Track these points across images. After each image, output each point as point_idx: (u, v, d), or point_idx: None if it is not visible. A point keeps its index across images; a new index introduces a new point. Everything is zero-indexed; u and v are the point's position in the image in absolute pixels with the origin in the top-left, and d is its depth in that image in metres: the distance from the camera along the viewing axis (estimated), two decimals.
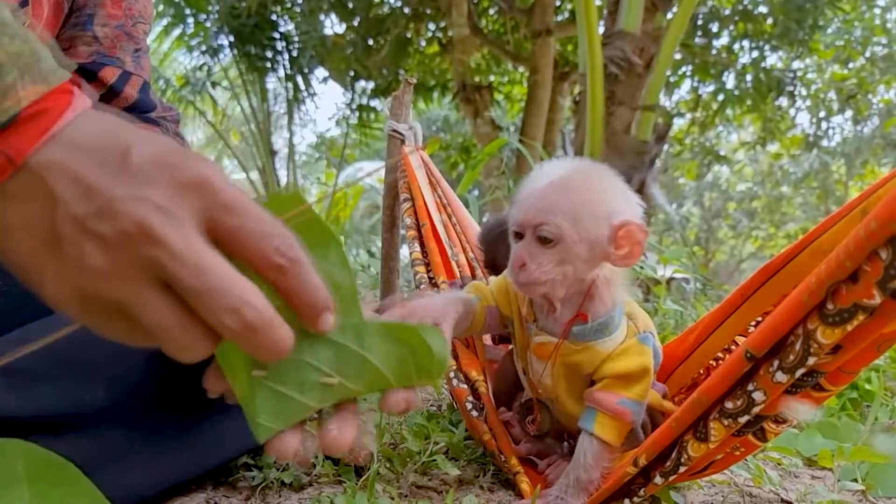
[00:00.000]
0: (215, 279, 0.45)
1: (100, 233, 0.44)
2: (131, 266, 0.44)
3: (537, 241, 0.92)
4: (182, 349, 0.47)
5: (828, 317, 0.67)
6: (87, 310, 0.45)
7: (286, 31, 8.69)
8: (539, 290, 0.94)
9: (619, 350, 0.97)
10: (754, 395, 0.76)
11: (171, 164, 0.46)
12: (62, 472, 0.68)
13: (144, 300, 0.45)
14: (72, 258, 0.44)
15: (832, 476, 1.26)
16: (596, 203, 0.92)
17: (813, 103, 9.96)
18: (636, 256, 0.93)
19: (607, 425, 0.95)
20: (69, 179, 0.45)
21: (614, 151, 4.47)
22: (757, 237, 14.32)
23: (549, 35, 7.45)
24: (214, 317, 0.45)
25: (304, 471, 1.07)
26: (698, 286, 3.04)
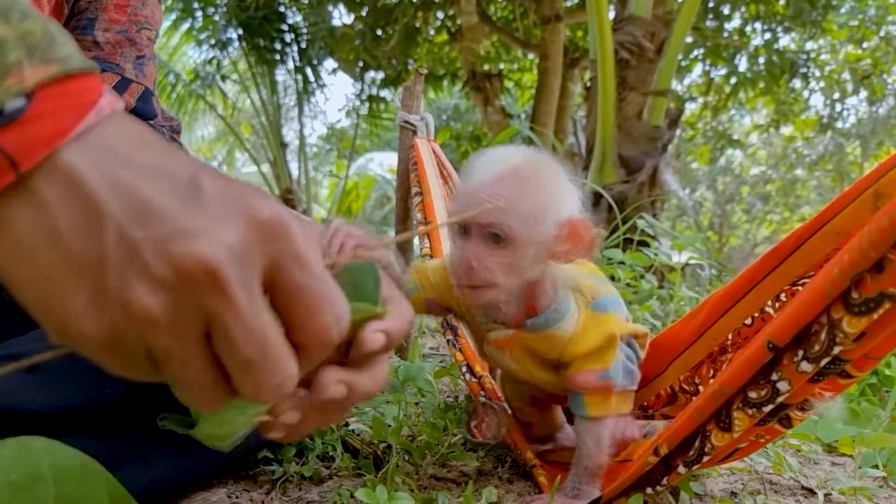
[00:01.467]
0: (272, 354, 0.40)
1: (157, 270, 0.37)
2: (186, 315, 0.38)
3: (485, 241, 0.86)
4: (200, 403, 0.42)
5: (853, 306, 0.67)
6: (114, 351, 0.39)
7: (294, 22, 8.68)
8: (487, 294, 0.89)
9: (579, 330, 0.94)
10: (779, 384, 0.75)
11: (244, 200, 0.40)
12: (86, 468, 0.69)
13: (189, 356, 0.39)
14: (116, 293, 0.37)
15: (852, 462, 1.25)
16: (546, 201, 0.88)
17: (827, 84, 9.87)
18: (578, 252, 0.89)
19: (597, 403, 0.95)
20: (121, 193, 0.38)
21: (626, 137, 4.45)
22: (771, 221, 14.23)
23: (558, 21, 7.41)
24: (254, 390, 0.41)
25: (323, 464, 1.07)
26: (713, 272, 3.02)
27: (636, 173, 4.31)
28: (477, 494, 0.97)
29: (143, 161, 0.40)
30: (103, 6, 1.05)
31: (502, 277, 0.87)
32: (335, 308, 0.42)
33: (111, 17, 1.05)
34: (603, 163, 4.37)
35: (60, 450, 0.68)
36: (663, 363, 1.14)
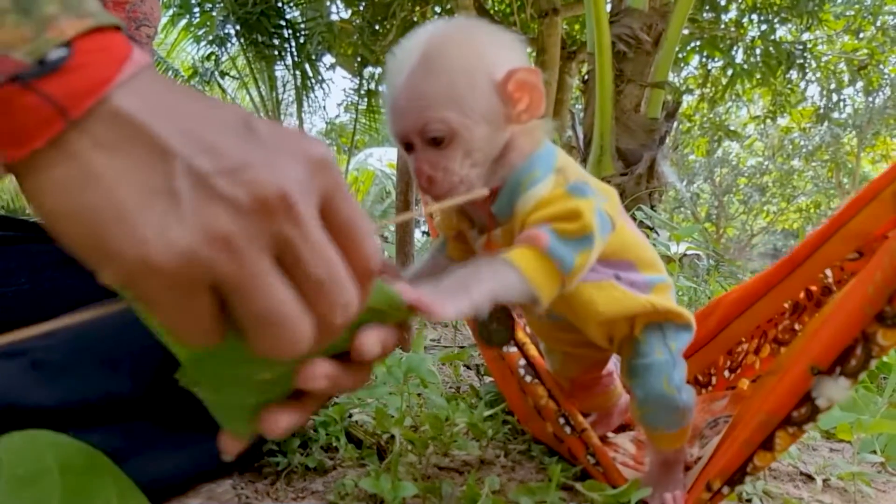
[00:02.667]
0: (339, 274, 0.43)
1: (233, 195, 0.38)
2: (260, 238, 0.39)
3: (430, 146, 0.77)
4: (293, 342, 0.42)
5: (886, 319, 0.67)
6: (185, 281, 0.38)
7: (292, 18, 8.67)
8: (458, 194, 0.78)
9: (542, 201, 0.78)
10: (818, 401, 0.75)
11: (295, 139, 0.43)
12: (92, 461, 0.70)
13: (267, 279, 0.40)
14: (192, 217, 0.38)
15: (850, 448, 1.27)
16: (469, 70, 0.77)
17: (823, 75, 9.87)
18: (539, 103, 0.79)
19: (521, 253, 0.74)
20: (181, 133, 0.39)
21: (624, 130, 4.45)
22: (768, 212, 14.25)
23: (555, 14, 7.39)
24: (327, 310, 0.43)
25: (327, 455, 1.08)
26: (711, 262, 3.03)
27: (634, 165, 4.31)
28: (480, 483, 0.99)
29: (190, 106, 0.41)
30: (102, 3, 1.04)
31: (464, 170, 0.78)
32: (374, 240, 0.45)
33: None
34: (601, 155, 4.38)
35: (66, 443, 0.69)
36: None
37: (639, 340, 0.86)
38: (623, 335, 0.89)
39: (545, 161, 0.80)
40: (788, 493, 1.05)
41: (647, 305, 0.85)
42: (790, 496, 1.04)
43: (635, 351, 0.87)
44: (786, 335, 1.08)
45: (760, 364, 1.13)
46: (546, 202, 0.76)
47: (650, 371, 0.86)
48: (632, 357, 0.88)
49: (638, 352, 0.86)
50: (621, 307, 0.84)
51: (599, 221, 0.76)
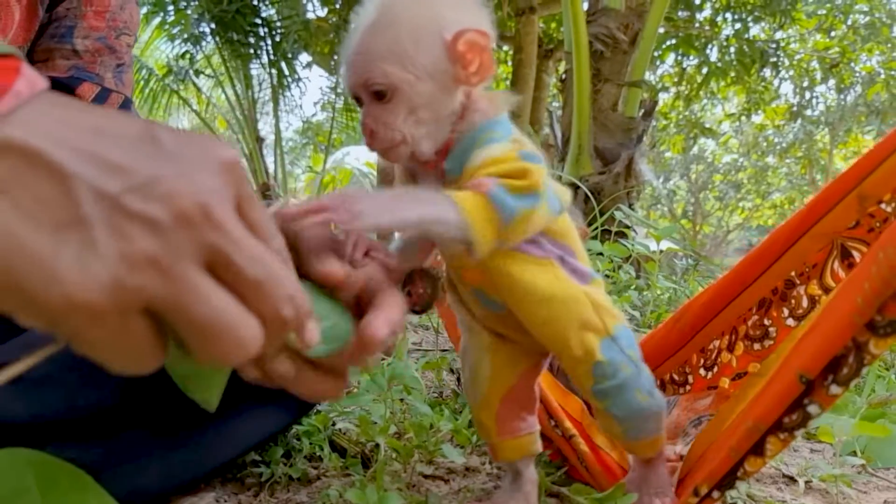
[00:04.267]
0: (273, 267, 0.42)
1: (149, 213, 0.36)
2: (187, 252, 0.38)
3: (375, 100, 0.76)
4: (241, 346, 0.41)
5: (878, 328, 0.68)
6: (116, 312, 0.36)
7: (268, 16, 8.61)
8: (401, 151, 0.77)
9: (493, 159, 0.75)
10: (809, 408, 0.76)
11: (202, 146, 0.42)
12: (73, 479, 0.69)
13: (202, 291, 0.38)
14: (109, 245, 0.36)
15: (831, 449, 1.28)
16: (418, 27, 0.76)
17: (796, 73, 9.99)
18: (489, 65, 0.77)
19: (463, 195, 0.70)
20: (79, 154, 0.37)
21: (602, 129, 4.47)
22: (743, 208, 14.39)
23: (532, 13, 7.42)
24: (272, 307, 0.42)
25: (311, 465, 1.08)
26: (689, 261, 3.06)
27: (612, 164, 4.33)
28: (466, 490, 0.98)
29: (86, 123, 0.39)
30: (83, 14, 1.02)
31: (407, 127, 0.76)
32: (281, 239, 0.46)
33: (90, 24, 1.02)
34: (579, 154, 4.39)
35: (47, 461, 0.68)
36: (651, 366, 1.14)
37: (603, 363, 0.81)
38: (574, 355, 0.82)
39: (504, 128, 0.79)
40: (772, 496, 1.06)
41: (583, 297, 0.81)
42: (773, 499, 1.04)
43: (601, 374, 0.82)
44: (756, 331, 1.09)
45: (737, 362, 1.13)
46: (496, 161, 0.74)
47: (623, 389, 0.83)
48: (598, 382, 0.82)
49: (605, 374, 0.82)
50: (560, 290, 0.80)
51: (549, 193, 0.76)
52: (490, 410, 0.91)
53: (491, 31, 0.77)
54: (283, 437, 1.09)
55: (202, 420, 0.93)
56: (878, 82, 10.21)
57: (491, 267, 0.78)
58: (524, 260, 0.79)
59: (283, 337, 0.45)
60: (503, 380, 0.90)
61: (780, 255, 0.98)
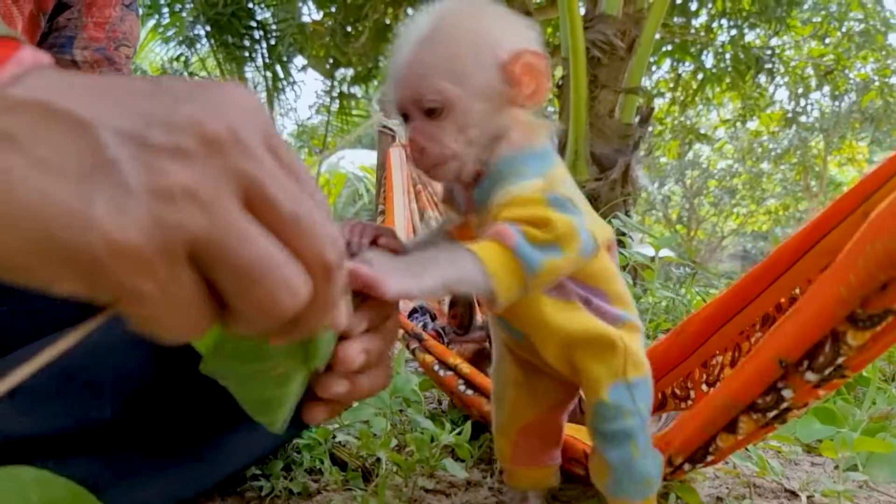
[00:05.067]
0: (310, 205, 0.39)
1: (177, 143, 0.34)
2: (223, 181, 0.35)
3: (425, 117, 0.74)
4: (289, 292, 0.37)
5: (858, 321, 0.68)
6: (161, 254, 0.34)
7: (263, 19, 8.59)
8: (449, 169, 0.76)
9: (517, 199, 0.72)
10: (783, 392, 0.77)
11: (221, 87, 0.39)
12: (75, 497, 0.68)
13: (244, 226, 0.35)
14: (142, 183, 0.33)
15: (832, 462, 1.27)
16: (474, 45, 0.74)
17: (791, 80, 10.00)
18: (543, 90, 0.76)
19: (486, 246, 0.69)
20: (93, 105, 0.35)
21: (599, 135, 4.47)
22: (738, 214, 14.42)
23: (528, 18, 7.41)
24: (315, 249, 0.38)
25: (311, 478, 1.07)
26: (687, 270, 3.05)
27: (609, 171, 4.33)
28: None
29: (98, 83, 0.37)
30: (83, 24, 1.01)
31: (458, 145, 0.74)
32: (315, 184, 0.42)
33: (90, 34, 1.02)
34: (575, 160, 4.39)
35: (50, 479, 0.67)
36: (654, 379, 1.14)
37: (607, 404, 0.78)
38: (586, 388, 0.81)
39: (537, 162, 0.76)
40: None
41: (612, 336, 0.77)
42: None
43: (603, 415, 0.80)
44: None
45: None
46: (520, 202, 0.71)
47: (620, 437, 0.80)
48: (599, 421, 0.80)
49: (606, 416, 0.79)
50: (583, 329, 0.77)
51: (582, 238, 0.72)
52: (508, 438, 0.90)
53: (546, 55, 0.75)
54: (284, 451, 1.09)
55: (203, 434, 0.92)
56: (873, 90, 10.24)
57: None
58: (543, 301, 0.77)
59: (331, 289, 0.41)
60: (523, 414, 0.89)
61: (784, 272, 0.98)
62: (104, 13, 1.03)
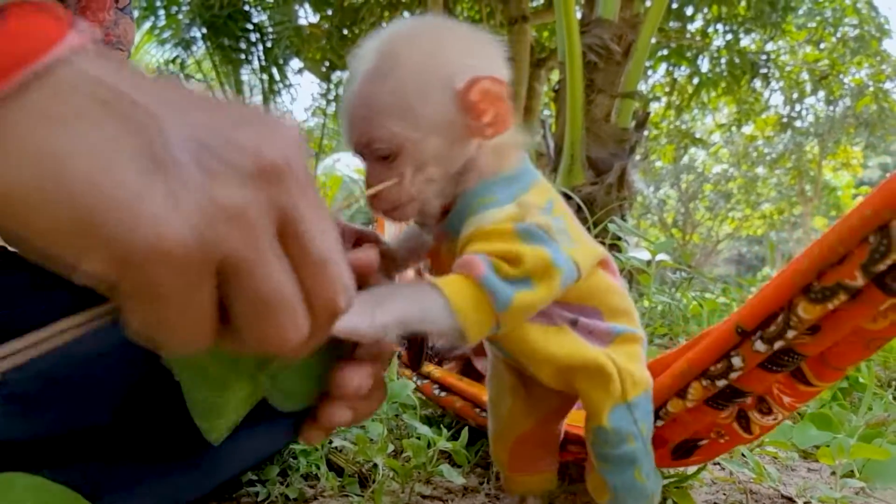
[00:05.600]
0: (338, 249, 0.39)
1: (238, 162, 0.35)
2: (269, 211, 0.36)
3: (378, 160, 0.70)
4: (292, 331, 0.38)
5: (811, 293, 0.68)
6: (195, 263, 0.34)
7: (260, 21, 8.59)
8: (409, 210, 0.71)
9: (483, 231, 0.67)
10: (733, 359, 0.76)
11: (274, 118, 0.39)
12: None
13: (272, 258, 0.36)
14: (199, 189, 0.33)
15: (828, 468, 1.27)
16: (424, 74, 0.68)
17: (786, 84, 10.05)
18: (506, 116, 0.69)
19: (452, 280, 0.64)
20: (157, 99, 0.35)
21: (595, 139, 4.48)
22: (733, 218, 14.45)
23: (524, 22, 7.43)
24: (329, 295, 0.39)
25: (308, 484, 1.06)
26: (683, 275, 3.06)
27: (605, 175, 4.34)
28: None
29: (160, 84, 0.37)
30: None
31: (415, 188, 0.69)
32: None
33: None
34: (571, 164, 4.40)
35: (46, 486, 0.67)
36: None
37: (607, 430, 0.75)
38: (587, 412, 0.78)
39: (507, 187, 0.70)
40: None
41: (599, 362, 0.74)
42: None
43: (603, 439, 0.77)
44: None
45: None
46: (487, 234, 0.66)
47: (622, 461, 0.77)
48: (600, 446, 0.77)
49: (608, 441, 0.76)
50: (570, 356, 0.73)
51: (559, 269, 0.66)
52: (504, 445, 0.89)
53: (507, 77, 0.70)
54: (280, 456, 1.08)
55: (199, 440, 0.91)
56: (867, 95, 10.28)
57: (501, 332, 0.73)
58: (528, 328, 0.73)
59: (328, 330, 0.42)
60: (519, 423, 0.87)
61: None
62: (98, 17, 1.02)
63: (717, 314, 2.42)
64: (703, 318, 2.37)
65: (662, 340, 2.27)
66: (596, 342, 0.76)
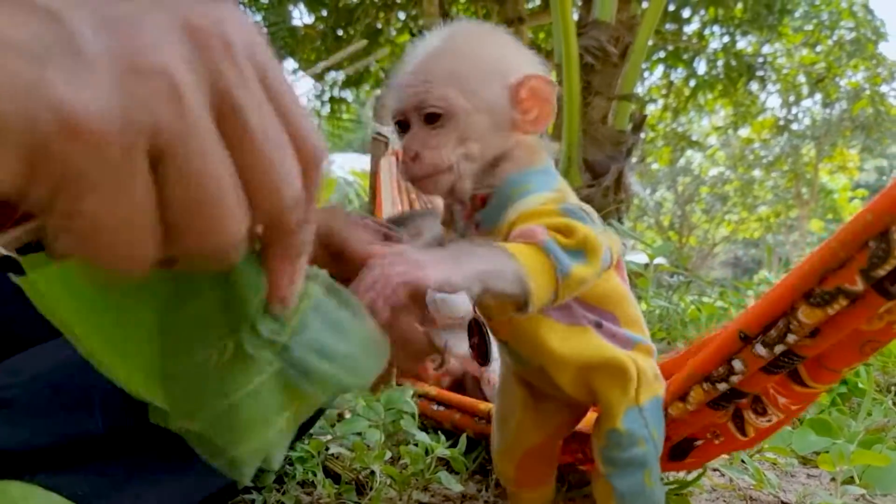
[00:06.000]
0: (285, 149, 0.35)
1: (159, 25, 0.31)
2: (202, 78, 0.32)
3: (425, 124, 0.72)
4: (231, 222, 0.34)
5: (811, 297, 0.68)
6: (121, 143, 0.29)
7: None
8: (443, 181, 0.73)
9: (531, 212, 0.71)
10: (734, 363, 0.77)
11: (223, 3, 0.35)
12: None
13: (204, 132, 0.32)
14: (108, 54, 0.30)
15: (827, 474, 1.27)
16: (484, 61, 0.75)
17: (783, 87, 10.08)
18: (548, 117, 0.75)
19: (517, 246, 0.66)
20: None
21: (592, 142, 4.47)
22: (730, 221, 14.47)
23: (521, 23, 7.42)
24: (270, 182, 0.34)
25: (304, 491, 1.05)
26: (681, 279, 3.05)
27: (602, 177, 4.33)
28: None
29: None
30: None
31: (455, 157, 0.72)
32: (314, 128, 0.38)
33: None
34: (569, 167, 4.39)
35: (39, 495, 0.66)
36: None
37: (620, 432, 0.76)
38: (602, 413, 0.79)
39: (542, 179, 0.75)
40: None
41: (625, 361, 0.76)
42: None
43: (615, 442, 0.77)
44: None
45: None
46: (533, 214, 0.70)
47: (633, 465, 0.77)
48: (610, 448, 0.78)
49: (619, 443, 0.77)
50: (597, 354, 0.75)
51: (604, 248, 0.69)
52: (511, 461, 0.89)
53: (555, 83, 0.75)
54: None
55: (192, 448, 0.90)
56: (863, 98, 10.32)
57: (518, 328, 0.75)
58: (553, 327, 0.75)
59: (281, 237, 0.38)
60: (529, 437, 0.87)
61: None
62: None
63: (716, 318, 2.41)
64: (702, 323, 2.37)
65: (660, 345, 2.26)
66: (619, 346, 0.77)
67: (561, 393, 0.79)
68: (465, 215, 0.77)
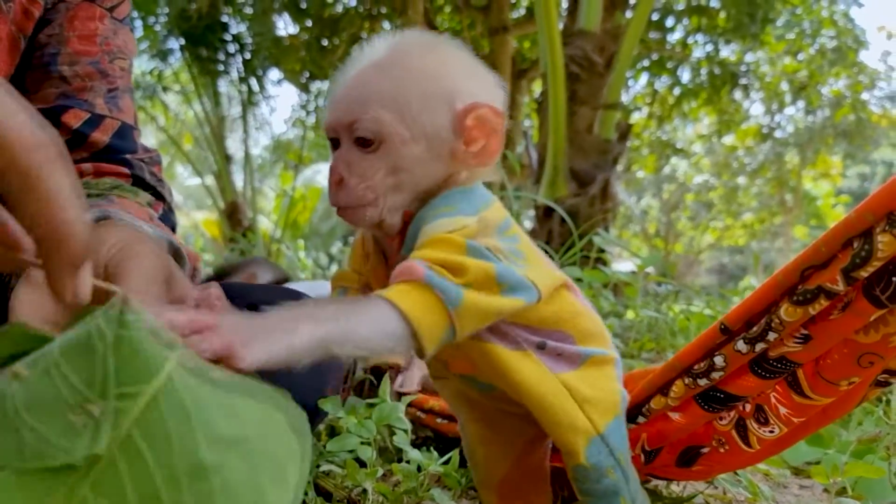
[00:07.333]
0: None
1: None
2: None
3: (356, 146, 0.66)
4: None
5: (793, 295, 0.69)
6: None
7: (238, 32, 8.54)
8: (368, 215, 0.66)
9: (434, 239, 0.63)
10: (716, 358, 0.77)
11: None
12: None
13: None
14: None
15: (820, 485, 1.26)
16: (429, 82, 0.66)
17: (766, 95, 10.16)
18: (494, 151, 0.68)
19: (394, 289, 0.59)
20: None
21: (578, 151, 4.48)
22: (715, 228, 14.55)
23: (506, 32, 7.45)
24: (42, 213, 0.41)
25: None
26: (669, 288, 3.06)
27: (588, 186, 4.34)
28: None
29: None
30: (65, 39, 0.98)
31: (382, 188, 0.65)
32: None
33: (75, 48, 0.99)
34: (555, 176, 4.40)
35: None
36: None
37: (584, 467, 0.72)
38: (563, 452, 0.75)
39: (464, 200, 0.67)
40: None
41: (562, 392, 0.71)
42: None
43: (584, 476, 0.74)
44: None
45: None
46: (437, 241, 0.63)
47: (606, 494, 0.74)
48: (581, 482, 0.74)
49: (588, 477, 0.73)
50: (540, 384, 0.71)
51: (509, 284, 0.63)
52: (491, 491, 0.86)
53: (506, 113, 0.68)
54: None
55: None
56: (845, 105, 10.42)
57: (473, 358, 0.71)
58: (501, 352, 0.70)
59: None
60: (499, 467, 0.84)
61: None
62: (88, 26, 1.00)
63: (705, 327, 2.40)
64: (691, 332, 2.37)
65: (650, 355, 2.25)
66: (564, 365, 0.73)
67: (519, 407, 0.75)
68: (393, 241, 0.71)
